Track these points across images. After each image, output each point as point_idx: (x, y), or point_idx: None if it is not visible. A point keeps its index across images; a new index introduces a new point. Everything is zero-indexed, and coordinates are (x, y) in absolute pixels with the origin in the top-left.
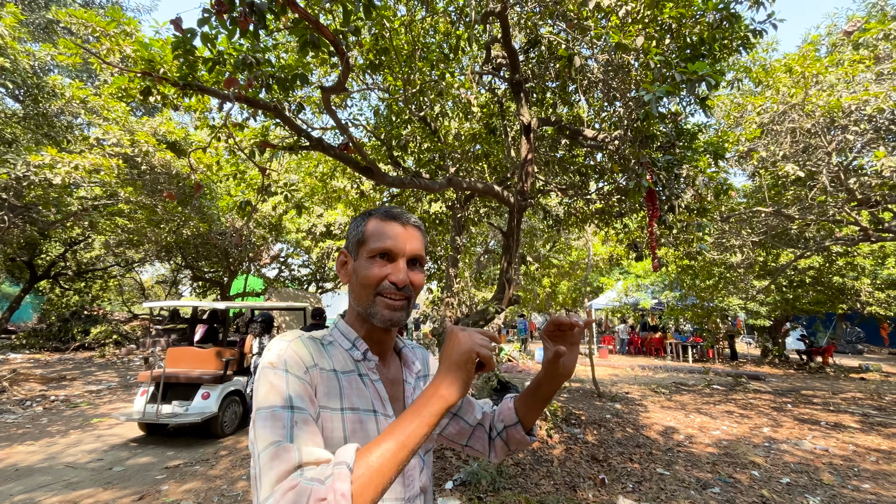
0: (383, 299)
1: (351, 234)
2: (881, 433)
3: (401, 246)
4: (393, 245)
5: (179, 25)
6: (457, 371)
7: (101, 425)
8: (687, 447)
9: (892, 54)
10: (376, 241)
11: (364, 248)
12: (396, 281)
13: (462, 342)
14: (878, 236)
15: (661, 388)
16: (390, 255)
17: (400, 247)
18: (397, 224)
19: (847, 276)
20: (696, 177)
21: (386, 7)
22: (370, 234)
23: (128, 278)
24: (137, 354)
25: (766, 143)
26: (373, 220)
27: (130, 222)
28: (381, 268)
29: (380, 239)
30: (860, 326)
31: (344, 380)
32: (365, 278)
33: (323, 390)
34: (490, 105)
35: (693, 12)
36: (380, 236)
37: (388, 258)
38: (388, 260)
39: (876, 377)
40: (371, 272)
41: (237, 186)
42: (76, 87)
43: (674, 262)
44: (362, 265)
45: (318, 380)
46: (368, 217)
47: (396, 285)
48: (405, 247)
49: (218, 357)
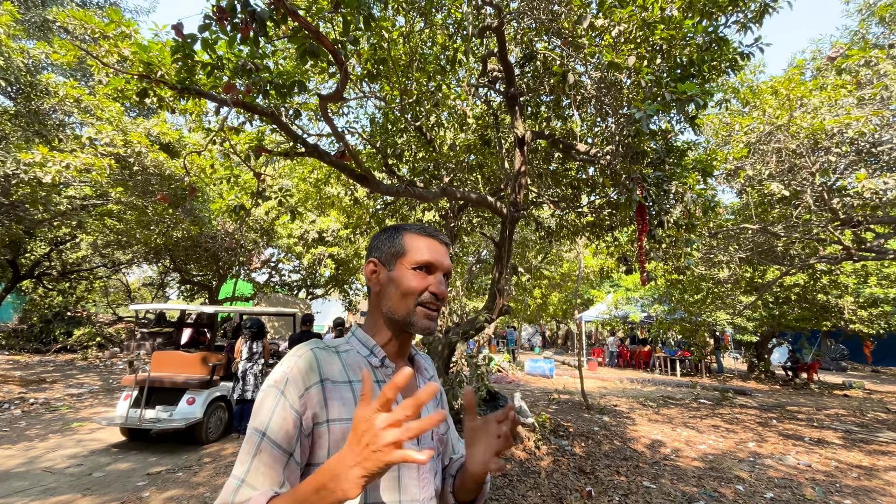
0: (423, 309)
1: (384, 246)
2: (863, 450)
3: (440, 260)
4: (434, 259)
5: (180, 31)
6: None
7: (82, 429)
8: (673, 461)
9: (872, 80)
10: (419, 255)
11: (404, 260)
12: (438, 292)
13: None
14: (860, 256)
15: (649, 401)
16: (431, 267)
17: (440, 261)
18: (436, 240)
19: (831, 294)
20: (685, 193)
21: (385, 18)
22: (411, 247)
23: (114, 280)
24: (121, 358)
25: (753, 162)
26: (410, 234)
27: (120, 223)
28: (423, 279)
29: (422, 253)
30: (844, 344)
31: (359, 389)
32: (408, 288)
33: (335, 402)
34: (485, 117)
35: (683, 34)
36: (421, 250)
37: (427, 270)
38: (428, 272)
39: (859, 394)
40: (414, 283)
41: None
42: (70, 86)
43: (663, 276)
44: (404, 276)
45: (327, 393)
46: (404, 231)
47: (437, 296)
48: (444, 261)
49: (204, 362)
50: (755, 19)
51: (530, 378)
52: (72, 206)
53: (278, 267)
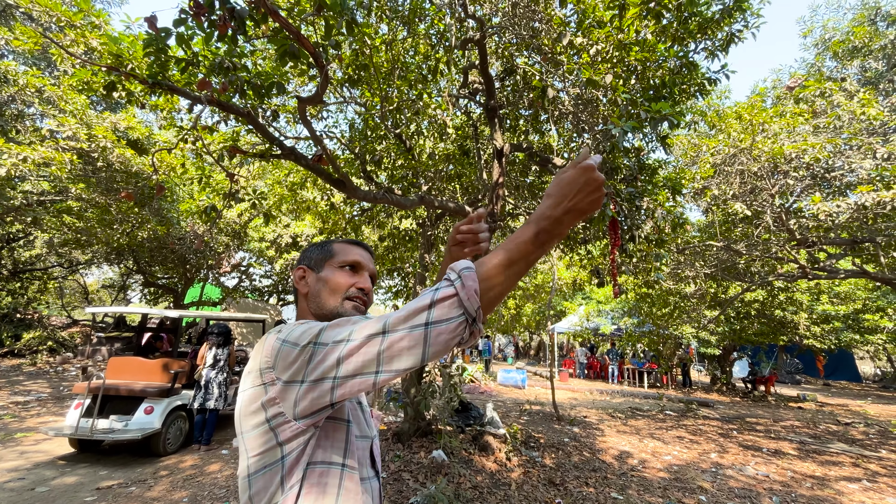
0: (351, 302)
1: (314, 254)
2: (816, 460)
3: (366, 262)
4: (361, 259)
5: (154, 24)
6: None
7: (26, 440)
8: (640, 472)
9: (827, 110)
10: (346, 256)
11: (333, 261)
12: (364, 287)
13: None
14: (813, 274)
15: (618, 412)
16: (357, 267)
17: (366, 263)
18: (361, 248)
19: (787, 310)
20: (656, 209)
21: (368, 25)
22: (338, 251)
23: (70, 280)
24: (74, 363)
25: (718, 182)
26: (338, 243)
27: (79, 221)
28: (350, 276)
29: (349, 254)
30: (798, 358)
31: None
32: (336, 284)
33: None
34: (465, 127)
35: (656, 57)
36: (348, 252)
37: (354, 269)
38: (354, 271)
39: (812, 406)
40: (342, 279)
41: (202, 191)
42: (32, 75)
43: (633, 289)
44: (333, 274)
45: None
46: (332, 242)
47: (363, 290)
48: (369, 265)
49: (165, 369)
50: (722, 47)
51: (503, 389)
52: (27, 201)
53: (249, 271)
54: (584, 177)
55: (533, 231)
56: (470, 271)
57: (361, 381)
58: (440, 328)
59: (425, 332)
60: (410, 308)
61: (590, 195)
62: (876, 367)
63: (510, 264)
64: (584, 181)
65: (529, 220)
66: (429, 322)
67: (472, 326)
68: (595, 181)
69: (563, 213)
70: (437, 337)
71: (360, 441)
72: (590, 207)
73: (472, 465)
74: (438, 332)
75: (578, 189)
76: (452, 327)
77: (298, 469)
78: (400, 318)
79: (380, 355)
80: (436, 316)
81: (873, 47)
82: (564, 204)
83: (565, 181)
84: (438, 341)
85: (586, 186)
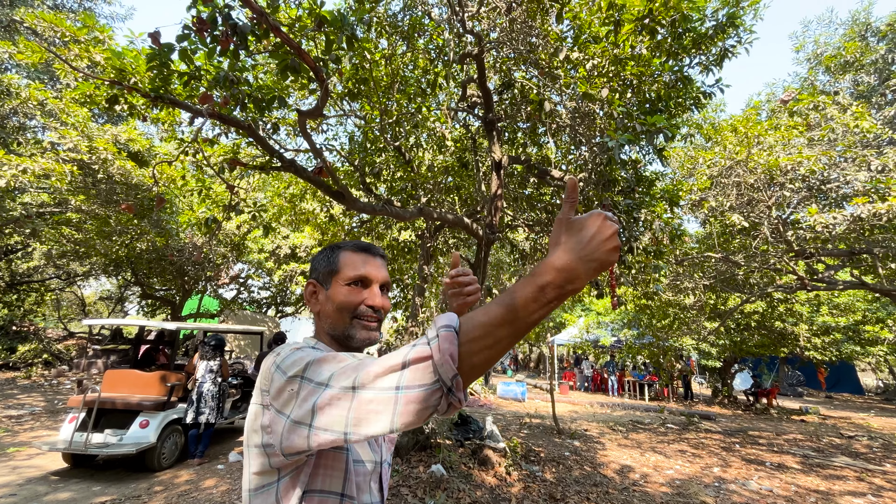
0: (360, 321)
1: (321, 266)
2: (819, 474)
3: (375, 273)
4: (368, 272)
5: (157, 39)
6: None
7: (19, 455)
8: (642, 486)
9: (821, 123)
10: (352, 270)
11: (339, 277)
12: (374, 304)
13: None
14: (812, 285)
15: (619, 425)
16: (365, 281)
17: (374, 274)
18: (369, 255)
19: (787, 322)
20: (654, 221)
21: (368, 40)
22: (344, 263)
23: (68, 292)
24: (70, 376)
25: (715, 194)
26: (344, 252)
27: (78, 232)
28: (358, 294)
29: (355, 268)
30: (800, 370)
31: None
32: (343, 304)
33: None
34: (463, 140)
35: (651, 71)
36: (355, 265)
37: (362, 284)
38: (363, 286)
39: (815, 419)
40: (349, 298)
41: (201, 202)
42: (34, 88)
43: (632, 301)
44: (339, 292)
45: None
46: (338, 249)
47: (373, 308)
48: (379, 274)
49: (162, 381)
50: (716, 62)
51: (502, 402)
52: (26, 212)
53: (247, 283)
54: (597, 221)
55: (539, 284)
56: (449, 330)
57: (334, 439)
58: (410, 395)
59: (395, 396)
60: (384, 364)
61: (606, 242)
62: (878, 378)
63: (503, 323)
64: (598, 226)
65: (534, 272)
66: (399, 386)
67: (450, 397)
68: (610, 227)
69: (580, 261)
70: (406, 405)
71: (361, 466)
72: (608, 257)
73: (471, 480)
74: (408, 401)
75: (593, 234)
76: (424, 396)
77: (294, 495)
78: (371, 375)
79: (348, 414)
80: (407, 380)
81: (865, 62)
82: (580, 252)
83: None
84: (408, 411)
85: (602, 231)
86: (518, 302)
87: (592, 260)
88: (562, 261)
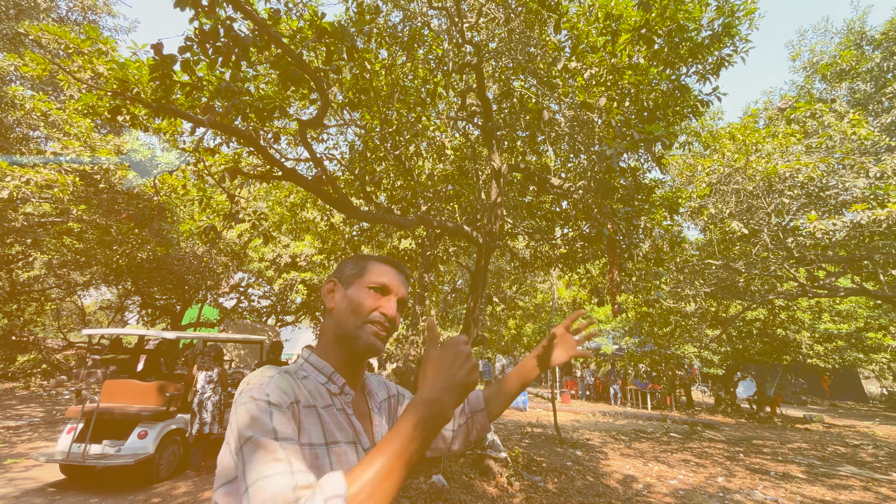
0: (371, 326)
1: (347, 269)
2: (825, 483)
3: (397, 286)
4: (391, 283)
5: (160, 51)
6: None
7: (16, 467)
8: (646, 497)
9: (818, 131)
10: (377, 276)
11: (363, 280)
12: (387, 312)
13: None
14: (813, 292)
15: (621, 434)
16: (385, 289)
17: (396, 286)
18: (396, 269)
19: (789, 329)
20: (653, 228)
21: (368, 50)
22: (371, 270)
23: (67, 302)
24: (68, 386)
25: (715, 201)
26: (374, 261)
27: (79, 242)
28: (376, 299)
29: (380, 275)
30: (803, 378)
31: (325, 414)
32: (359, 305)
33: (306, 427)
34: (463, 149)
35: (649, 80)
36: (380, 273)
37: (382, 292)
38: (382, 294)
39: (819, 427)
40: (366, 300)
41: (202, 211)
42: (38, 100)
43: (633, 308)
44: (358, 293)
45: (300, 417)
46: (369, 259)
47: (386, 316)
48: (400, 289)
49: (161, 391)
50: (713, 71)
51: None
52: (28, 223)
53: (248, 292)
54: (452, 350)
55: (412, 423)
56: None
57: None
58: None
59: None
60: None
61: (462, 367)
62: (882, 386)
63: (387, 475)
64: (453, 354)
65: (404, 415)
66: None
67: None
68: (463, 353)
69: (444, 391)
70: None
71: None
72: (467, 379)
73: (472, 491)
74: None
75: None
76: None
77: None
78: None
79: None
80: None
81: (860, 70)
82: (443, 382)
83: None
84: None
85: (456, 360)
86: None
87: (455, 386)
88: (429, 394)
